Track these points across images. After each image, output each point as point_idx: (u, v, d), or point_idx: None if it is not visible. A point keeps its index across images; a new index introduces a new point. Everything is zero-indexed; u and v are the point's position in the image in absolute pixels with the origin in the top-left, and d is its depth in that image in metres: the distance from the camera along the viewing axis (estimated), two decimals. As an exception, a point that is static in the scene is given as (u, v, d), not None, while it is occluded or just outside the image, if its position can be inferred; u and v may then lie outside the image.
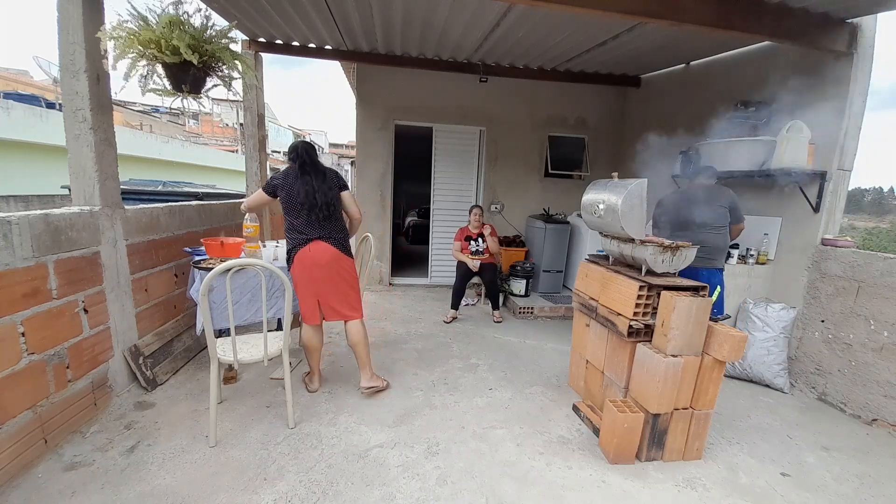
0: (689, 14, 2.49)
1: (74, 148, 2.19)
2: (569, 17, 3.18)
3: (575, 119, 5.34)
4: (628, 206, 2.19)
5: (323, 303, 2.45)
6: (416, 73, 4.74)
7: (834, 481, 2.04)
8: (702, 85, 4.07)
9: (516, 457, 2.08)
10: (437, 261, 5.48)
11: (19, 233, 1.76)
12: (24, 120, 8.92)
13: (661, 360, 1.95)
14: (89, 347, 2.17)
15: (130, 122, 16.24)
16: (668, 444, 2.08)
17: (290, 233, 2.40)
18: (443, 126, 5.10)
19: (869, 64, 2.82)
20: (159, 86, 2.09)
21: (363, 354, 2.56)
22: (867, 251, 2.74)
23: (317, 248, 2.36)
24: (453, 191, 5.33)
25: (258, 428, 2.19)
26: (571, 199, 5.33)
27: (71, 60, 2.10)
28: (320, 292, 2.42)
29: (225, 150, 20.62)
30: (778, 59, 3.30)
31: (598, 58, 4.23)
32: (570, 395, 2.73)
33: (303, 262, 2.35)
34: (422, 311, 4.38)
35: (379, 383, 2.62)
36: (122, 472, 1.82)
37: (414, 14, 3.37)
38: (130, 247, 2.47)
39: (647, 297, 2.09)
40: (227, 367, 2.55)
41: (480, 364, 3.15)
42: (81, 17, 2.06)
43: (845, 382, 2.72)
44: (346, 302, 2.49)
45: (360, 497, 1.76)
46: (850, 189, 3.08)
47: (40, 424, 1.87)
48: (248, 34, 4.02)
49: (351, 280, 2.51)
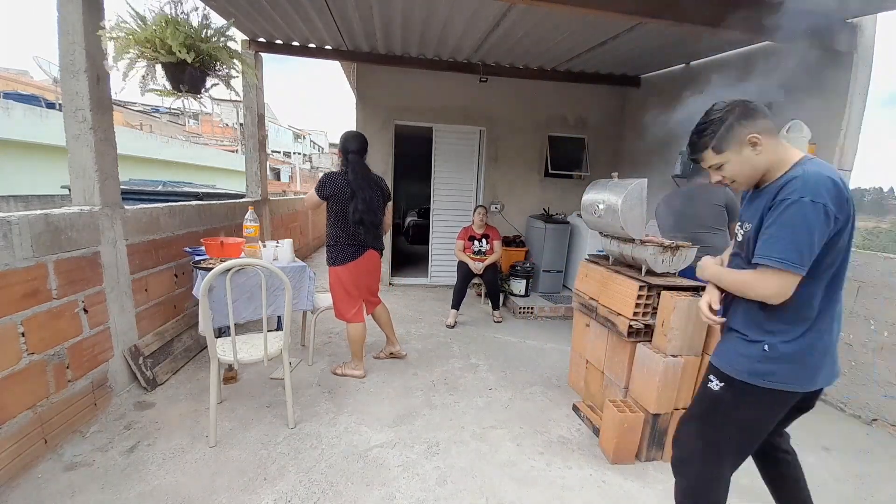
0: (689, 14, 2.49)
1: (74, 148, 2.18)
2: (569, 17, 3.18)
3: (575, 119, 5.34)
4: (628, 206, 2.19)
5: (366, 300, 2.81)
6: (416, 73, 4.74)
7: (834, 481, 2.04)
8: (702, 85, 4.07)
9: (516, 457, 2.08)
10: (437, 261, 5.47)
11: (19, 233, 1.76)
12: (24, 120, 8.92)
13: (661, 360, 1.95)
14: (89, 347, 2.17)
15: (130, 122, 16.25)
16: (668, 444, 2.08)
17: (343, 237, 2.57)
18: (443, 126, 5.10)
19: (869, 64, 2.82)
20: (158, 85, 2.09)
21: (392, 328, 3.04)
22: (867, 251, 2.74)
23: (370, 257, 2.67)
24: (453, 191, 5.33)
25: (258, 428, 2.19)
26: (571, 199, 5.33)
27: (71, 60, 2.09)
28: (367, 293, 2.80)
29: (225, 150, 20.63)
30: (778, 59, 3.30)
31: (598, 58, 4.23)
32: (570, 395, 2.73)
33: (358, 269, 2.63)
34: (422, 311, 4.38)
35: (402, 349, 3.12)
36: (122, 472, 1.82)
37: (414, 14, 3.37)
38: (130, 247, 2.47)
39: (647, 297, 2.09)
40: (227, 367, 2.55)
41: (480, 364, 3.15)
42: (81, 17, 2.06)
43: (845, 382, 2.72)
44: (375, 292, 2.90)
45: (360, 497, 1.76)
46: (850, 189, 3.08)
47: (40, 424, 1.87)
48: (248, 34, 4.03)
49: (379, 278, 2.92)
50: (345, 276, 2.60)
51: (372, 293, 2.87)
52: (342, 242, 2.56)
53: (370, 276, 2.74)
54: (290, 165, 26.07)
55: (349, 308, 2.66)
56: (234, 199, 4.94)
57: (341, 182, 2.50)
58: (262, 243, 2.79)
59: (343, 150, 2.56)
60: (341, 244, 2.56)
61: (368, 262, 2.66)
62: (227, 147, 21.96)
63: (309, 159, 33.40)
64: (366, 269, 2.66)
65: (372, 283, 2.81)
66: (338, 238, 2.57)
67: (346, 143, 2.56)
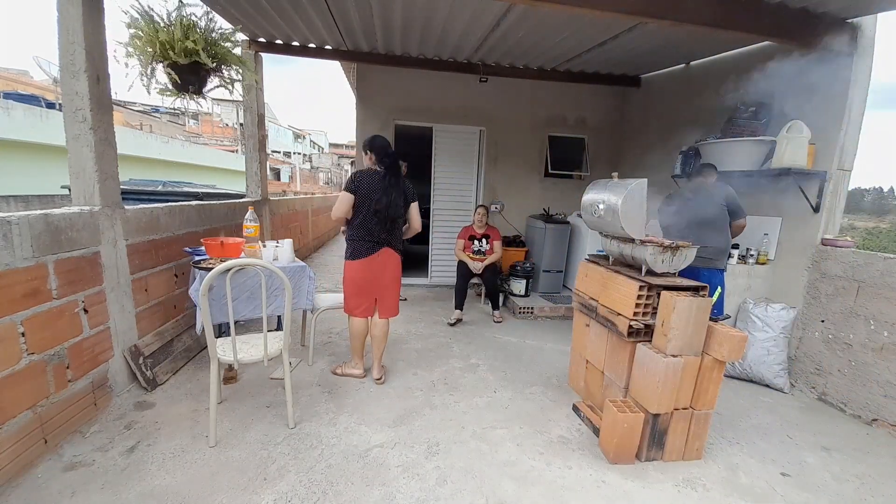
0: (689, 14, 2.49)
1: (74, 148, 2.18)
2: (569, 17, 3.18)
3: (575, 119, 5.34)
4: (628, 206, 2.19)
5: (380, 301, 2.72)
6: (416, 73, 4.74)
7: (834, 481, 2.04)
8: (702, 85, 4.07)
9: (516, 457, 2.08)
10: (437, 261, 5.47)
11: (19, 233, 1.76)
12: (24, 120, 8.92)
13: (661, 360, 1.95)
14: (89, 347, 2.17)
15: (130, 122, 16.26)
16: (668, 444, 2.08)
17: (360, 230, 2.56)
18: (443, 126, 5.10)
19: (869, 64, 2.82)
20: (164, 86, 2.11)
21: (382, 348, 2.80)
22: (867, 251, 2.74)
23: (386, 255, 2.64)
24: (453, 191, 5.32)
25: (258, 428, 2.19)
26: (571, 199, 5.32)
27: (71, 60, 2.09)
28: (382, 293, 2.70)
29: (225, 150, 20.63)
30: (778, 59, 3.29)
31: (598, 58, 4.23)
32: (570, 395, 2.73)
33: (372, 265, 2.61)
34: (422, 311, 4.38)
35: (384, 369, 2.90)
36: (122, 472, 1.82)
37: (414, 14, 3.37)
38: (130, 247, 2.47)
39: (647, 297, 2.09)
40: (227, 367, 2.55)
41: (480, 364, 3.15)
42: (81, 17, 2.06)
43: (845, 382, 2.72)
44: (395, 301, 2.80)
45: (360, 497, 1.76)
46: (850, 189, 3.08)
47: (40, 424, 1.87)
48: (248, 34, 4.02)
49: (399, 281, 2.81)
50: (358, 270, 2.60)
51: (391, 300, 2.74)
52: (362, 238, 2.57)
53: (385, 274, 2.66)
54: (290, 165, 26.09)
55: (358, 304, 2.66)
56: (234, 199, 4.94)
57: (375, 179, 2.52)
58: (262, 243, 2.79)
59: (381, 153, 2.59)
60: (360, 240, 2.58)
61: (385, 261, 2.64)
62: (227, 147, 21.97)
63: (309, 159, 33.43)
64: (381, 266, 2.63)
65: (392, 284, 2.71)
66: (358, 234, 2.58)
67: (384, 148, 2.61)
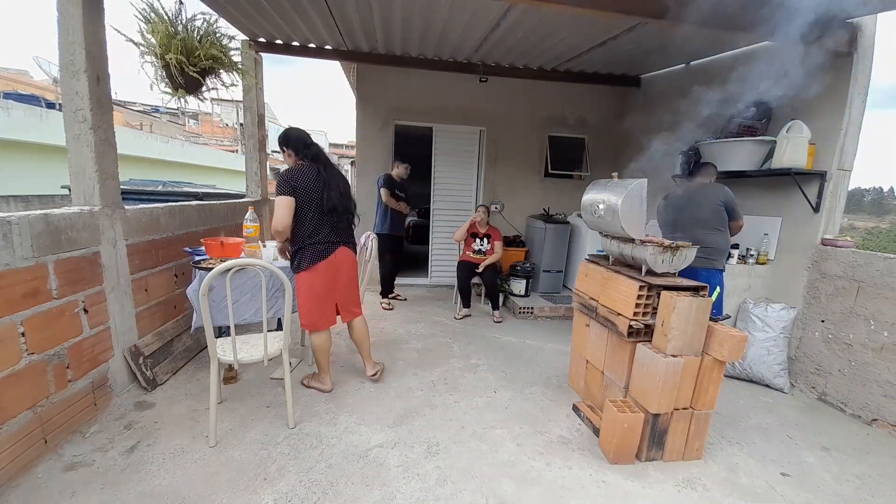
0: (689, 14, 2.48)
1: (74, 148, 2.18)
2: (569, 17, 3.18)
3: (575, 119, 5.33)
4: (628, 206, 2.19)
5: (342, 306, 2.53)
6: (416, 73, 4.74)
7: (834, 481, 2.04)
8: (702, 85, 4.07)
9: (516, 457, 2.08)
10: (437, 261, 5.47)
11: (19, 233, 1.76)
12: (24, 120, 8.92)
13: (661, 360, 1.95)
14: (89, 347, 2.17)
15: (130, 122, 16.25)
16: (668, 444, 2.08)
17: (310, 238, 2.29)
18: (443, 126, 5.10)
19: (869, 64, 2.82)
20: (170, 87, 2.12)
21: (368, 347, 2.72)
22: (867, 251, 2.74)
23: (343, 255, 2.42)
24: (453, 191, 5.32)
25: (258, 428, 2.19)
26: (571, 199, 5.32)
27: (71, 60, 2.09)
28: (341, 297, 2.50)
29: (225, 150, 20.62)
30: (778, 58, 3.29)
31: (598, 58, 4.23)
32: (570, 395, 2.73)
33: (328, 269, 2.36)
34: (422, 311, 4.38)
35: (380, 365, 2.79)
36: (122, 472, 1.82)
37: (414, 14, 3.37)
38: (130, 247, 2.47)
39: (647, 297, 2.09)
40: (227, 367, 2.55)
41: (480, 364, 3.15)
42: (81, 17, 2.06)
43: (845, 382, 2.72)
44: (357, 301, 2.63)
45: (360, 497, 1.76)
46: (850, 189, 3.08)
47: (40, 424, 1.87)
48: (249, 34, 4.02)
49: (357, 280, 2.63)
50: (316, 279, 2.33)
51: (352, 301, 2.56)
52: (315, 243, 2.30)
53: (345, 275, 2.45)
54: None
55: (320, 315, 2.40)
56: (234, 199, 4.94)
57: (310, 175, 2.26)
58: (262, 243, 2.79)
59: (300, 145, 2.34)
60: (309, 244, 2.30)
61: (342, 261, 2.41)
62: (227, 147, 21.95)
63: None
64: (340, 267, 2.40)
65: (349, 285, 2.51)
66: (304, 238, 2.30)
67: (301, 138, 2.35)
